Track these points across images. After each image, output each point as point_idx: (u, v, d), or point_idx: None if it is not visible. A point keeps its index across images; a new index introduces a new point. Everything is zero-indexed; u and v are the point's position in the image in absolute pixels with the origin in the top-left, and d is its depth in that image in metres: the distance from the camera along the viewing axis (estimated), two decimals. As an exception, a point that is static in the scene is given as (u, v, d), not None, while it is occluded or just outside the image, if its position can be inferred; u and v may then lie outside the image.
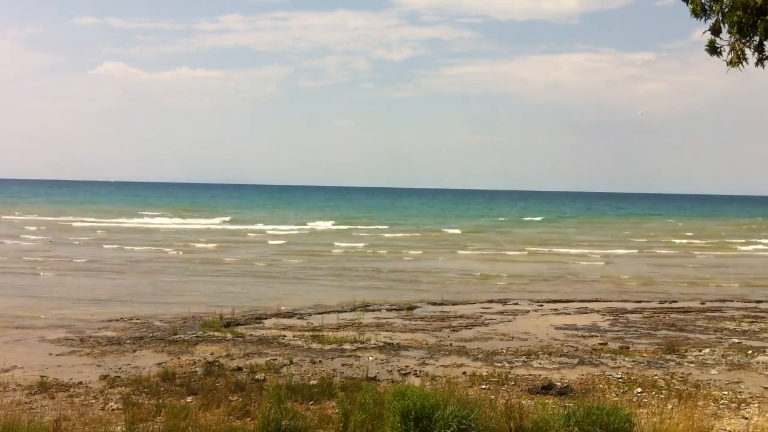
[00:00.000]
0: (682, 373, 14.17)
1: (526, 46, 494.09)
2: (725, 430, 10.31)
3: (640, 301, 25.76)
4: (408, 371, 14.08)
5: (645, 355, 16.02)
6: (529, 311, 23.04)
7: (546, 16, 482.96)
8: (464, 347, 16.74)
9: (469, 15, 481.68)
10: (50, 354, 15.26)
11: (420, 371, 14.03)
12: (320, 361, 14.73)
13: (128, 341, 16.61)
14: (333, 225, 69.81)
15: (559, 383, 12.97)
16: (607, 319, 21.67)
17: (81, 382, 12.77)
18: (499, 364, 14.70)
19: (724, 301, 26.40)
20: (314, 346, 16.32)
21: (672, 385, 12.98)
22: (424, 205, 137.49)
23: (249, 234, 56.81)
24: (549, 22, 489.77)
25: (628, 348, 17.06)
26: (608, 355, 15.90)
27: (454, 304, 24.34)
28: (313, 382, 12.49)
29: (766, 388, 13.10)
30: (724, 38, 8.36)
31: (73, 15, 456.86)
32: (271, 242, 49.22)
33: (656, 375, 13.88)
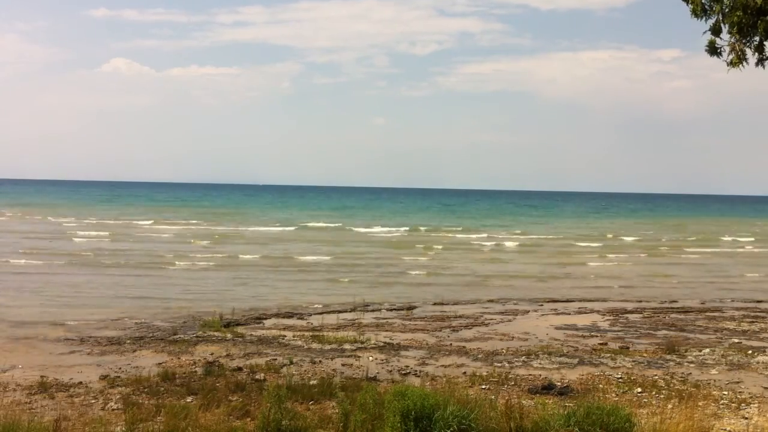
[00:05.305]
0: (682, 373, 14.17)
1: (551, 43, 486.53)
2: (725, 430, 10.31)
3: (640, 301, 25.76)
4: (408, 371, 14.07)
5: (645, 355, 16.02)
6: (528, 311, 23.04)
7: (592, 5, 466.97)
8: (464, 347, 16.74)
9: (509, 5, 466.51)
10: (50, 354, 15.26)
11: (420, 371, 14.02)
12: (320, 361, 14.73)
13: (128, 341, 16.61)
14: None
15: (559, 383, 12.96)
16: (607, 319, 21.66)
17: (81, 382, 12.77)
18: (499, 364, 14.70)
19: (724, 300, 26.40)
20: (314, 346, 16.32)
21: (672, 385, 12.98)
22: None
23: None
24: (593, 13, 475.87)
25: (628, 348, 17.06)
26: (608, 355, 15.90)
27: (455, 304, 24.35)
28: (313, 382, 12.49)
29: (766, 388, 13.10)
30: (725, 38, 8.35)
31: (86, 6, 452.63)
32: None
33: (656, 375, 13.88)
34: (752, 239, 61.85)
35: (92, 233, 51.99)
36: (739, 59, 8.19)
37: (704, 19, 8.41)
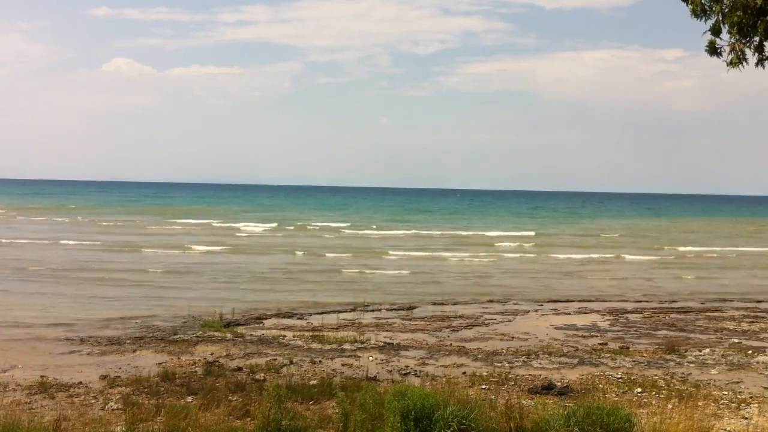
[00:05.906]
0: (682, 373, 14.17)
1: (555, 42, 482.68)
2: (725, 430, 10.31)
3: (640, 301, 25.77)
4: (408, 371, 14.07)
5: (645, 355, 16.02)
6: (529, 311, 23.04)
7: (597, 4, 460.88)
8: (464, 347, 16.74)
9: (514, 4, 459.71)
10: (50, 354, 15.26)
11: (420, 371, 14.02)
12: (320, 361, 14.73)
13: (128, 341, 16.61)
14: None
15: (559, 383, 12.97)
16: (607, 319, 21.66)
17: (81, 382, 12.77)
18: (499, 364, 14.70)
19: (724, 301, 26.40)
20: (314, 346, 16.32)
21: (672, 385, 12.98)
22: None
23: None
24: (597, 12, 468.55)
25: (628, 348, 17.06)
26: (608, 355, 15.90)
27: (454, 303, 24.35)
28: (313, 382, 12.49)
29: (766, 388, 13.10)
30: (725, 39, 8.36)
31: (88, 5, 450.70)
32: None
33: (656, 375, 13.88)
34: (751, 239, 61.84)
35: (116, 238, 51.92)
36: (739, 59, 8.19)
37: (704, 19, 8.42)
